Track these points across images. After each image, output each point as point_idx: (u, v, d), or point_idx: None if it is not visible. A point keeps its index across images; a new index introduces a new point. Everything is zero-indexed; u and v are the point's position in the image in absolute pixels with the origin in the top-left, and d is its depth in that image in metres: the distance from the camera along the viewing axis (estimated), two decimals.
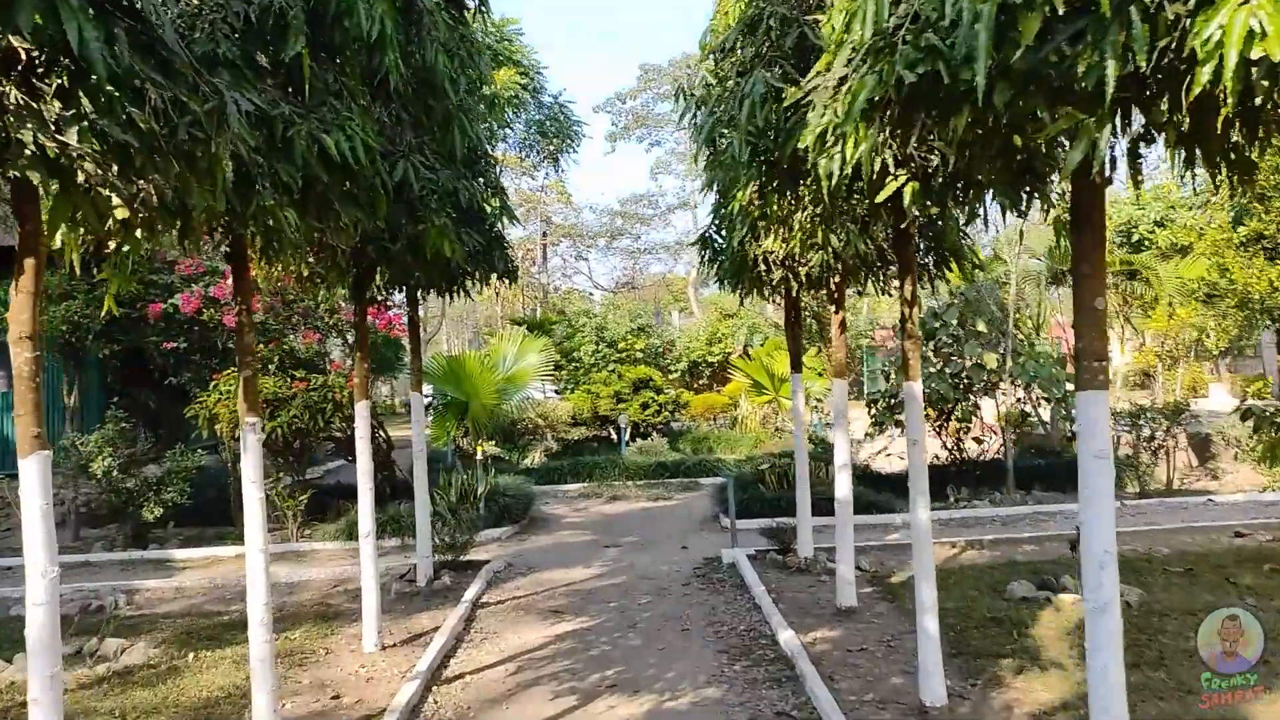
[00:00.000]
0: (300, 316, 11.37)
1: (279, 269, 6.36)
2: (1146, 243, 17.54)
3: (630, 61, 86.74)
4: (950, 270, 7.62)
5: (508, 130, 32.80)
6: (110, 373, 13.39)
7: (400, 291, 9.59)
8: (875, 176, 4.69)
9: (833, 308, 8.05)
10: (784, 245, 7.31)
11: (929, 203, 4.89)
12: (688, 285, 48.01)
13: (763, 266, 7.59)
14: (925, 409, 13.30)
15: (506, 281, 9.81)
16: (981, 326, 12.81)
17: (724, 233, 9.02)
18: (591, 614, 8.20)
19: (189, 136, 3.54)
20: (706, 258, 9.72)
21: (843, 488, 7.98)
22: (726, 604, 8.38)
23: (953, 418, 13.47)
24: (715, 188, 9.40)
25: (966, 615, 7.41)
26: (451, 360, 15.70)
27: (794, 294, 9.53)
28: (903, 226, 5.80)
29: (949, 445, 13.70)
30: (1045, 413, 14.48)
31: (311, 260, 6.60)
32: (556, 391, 24.35)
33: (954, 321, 12.89)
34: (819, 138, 3.72)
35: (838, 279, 7.92)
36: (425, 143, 7.05)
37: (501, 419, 16.42)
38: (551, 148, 33.28)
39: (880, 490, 12.78)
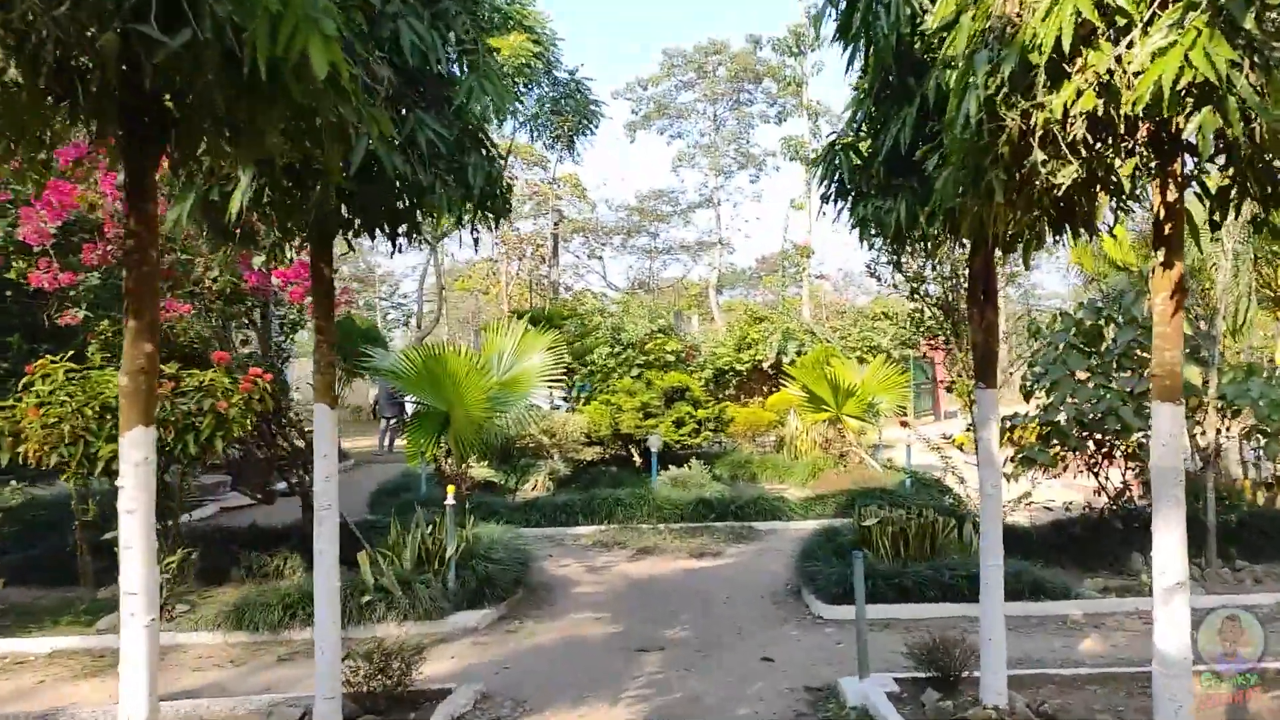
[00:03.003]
0: (168, 280, 7.13)
1: None
2: None
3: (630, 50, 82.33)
4: None
5: (517, 105, 28.82)
6: None
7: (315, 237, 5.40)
8: None
9: (1158, 256, 3.74)
10: (1096, 99, 3.11)
11: None
12: (708, 289, 43.74)
13: (1039, 155, 3.32)
14: (1084, 436, 9.03)
15: (492, 224, 5.63)
16: (1185, 326, 8.49)
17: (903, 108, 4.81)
18: None
19: None
20: (834, 185, 5.52)
21: (1175, 615, 3.68)
22: None
23: (1116, 451, 9.19)
24: (872, 46, 5.18)
25: None
26: (428, 357, 11.44)
27: (991, 244, 5.30)
28: None
29: (1110, 490, 9.39)
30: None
31: None
32: (565, 399, 20.11)
33: (1138, 316, 8.60)
34: None
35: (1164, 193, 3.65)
36: None
37: (494, 435, 12.16)
38: (566, 126, 29.24)
39: (1032, 556, 8.46)
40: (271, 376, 7.28)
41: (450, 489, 7.87)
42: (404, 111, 4.73)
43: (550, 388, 16.19)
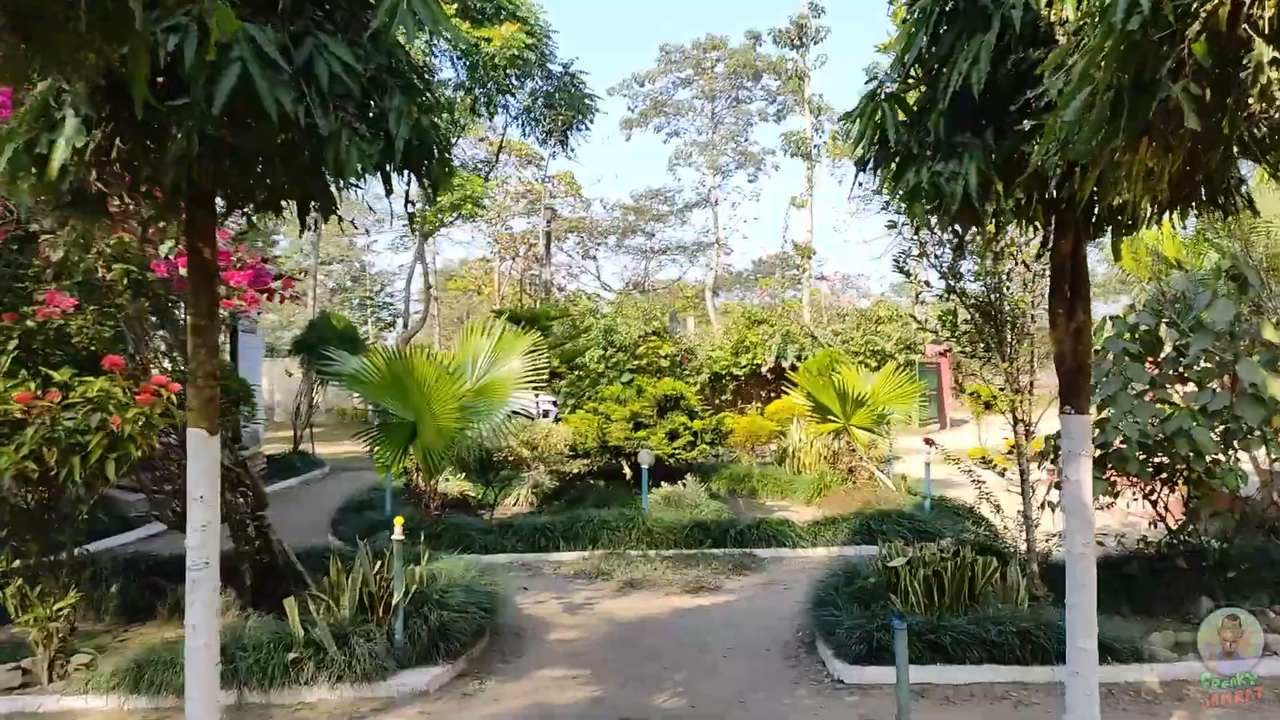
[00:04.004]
0: (50, 268, 5.74)
1: None
2: None
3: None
4: None
5: (509, 97, 27.50)
6: None
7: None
8: None
9: None
10: None
11: None
12: (704, 290, 42.43)
13: (1264, 52, 2.02)
14: (1142, 461, 7.69)
15: (428, 193, 4.32)
16: (1271, 334, 7.19)
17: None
18: None
19: None
20: (875, 147, 4.24)
21: None
22: None
23: (1181, 479, 7.86)
24: None
25: None
26: (391, 361, 10.16)
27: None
28: None
29: (1171, 524, 8.07)
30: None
31: None
32: (554, 404, 18.76)
33: (1216, 320, 7.28)
34: None
35: None
36: None
37: (468, 449, 10.86)
38: (560, 120, 27.90)
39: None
40: (179, 386, 5.93)
41: (398, 520, 6.52)
42: (299, 33, 3.42)
43: (535, 391, 14.94)
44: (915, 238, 6.93)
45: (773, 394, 24.71)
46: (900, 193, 4.10)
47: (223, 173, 3.80)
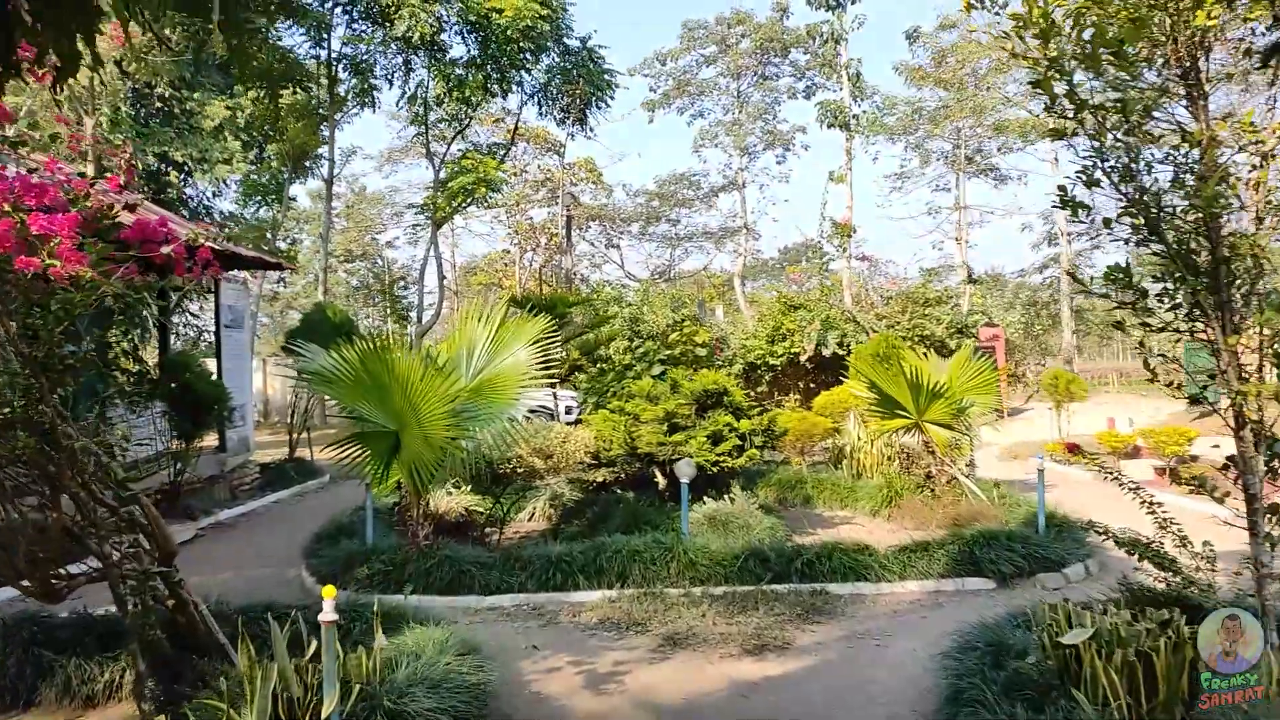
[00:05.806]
0: None
1: None
2: None
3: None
4: None
5: (523, 73, 25.28)
6: None
7: None
8: None
9: None
10: None
11: None
12: (732, 278, 39.96)
13: None
14: None
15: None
16: None
17: None
18: None
19: None
20: None
21: None
22: None
23: None
24: None
25: None
26: (367, 355, 7.90)
27: None
28: None
29: None
30: None
31: None
32: (575, 401, 16.48)
33: None
34: None
35: None
36: None
37: (465, 461, 8.58)
38: (579, 96, 25.66)
39: None
40: None
41: (328, 591, 4.23)
42: None
43: (553, 388, 12.68)
44: (1091, 150, 4.55)
45: (813, 385, 22.35)
46: None
47: None
